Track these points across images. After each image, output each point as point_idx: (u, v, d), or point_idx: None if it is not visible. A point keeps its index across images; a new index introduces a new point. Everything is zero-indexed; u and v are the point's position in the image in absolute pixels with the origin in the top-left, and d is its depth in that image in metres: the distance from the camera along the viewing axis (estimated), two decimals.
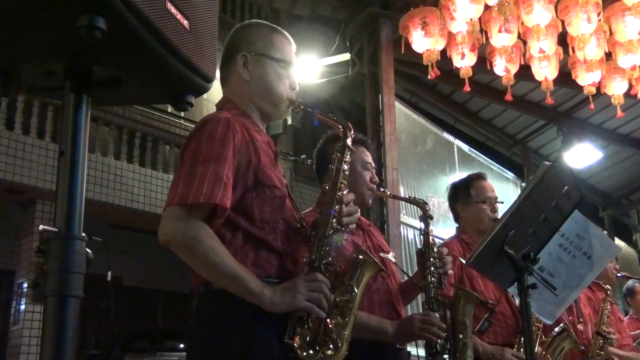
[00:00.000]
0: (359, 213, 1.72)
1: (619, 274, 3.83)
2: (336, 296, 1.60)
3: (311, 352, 1.49)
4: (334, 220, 1.61)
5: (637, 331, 4.08)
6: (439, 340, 2.11)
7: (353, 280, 1.64)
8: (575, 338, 2.81)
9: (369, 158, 2.39)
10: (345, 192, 1.67)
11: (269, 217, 1.58)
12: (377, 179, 2.40)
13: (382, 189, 2.43)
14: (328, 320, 1.55)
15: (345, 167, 1.70)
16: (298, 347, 1.48)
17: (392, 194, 2.73)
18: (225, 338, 1.48)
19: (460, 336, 2.23)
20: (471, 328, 2.30)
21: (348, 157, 1.72)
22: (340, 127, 1.76)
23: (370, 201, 2.40)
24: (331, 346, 1.52)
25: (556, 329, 2.79)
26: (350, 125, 1.76)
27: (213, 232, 1.48)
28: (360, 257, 1.67)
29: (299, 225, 1.66)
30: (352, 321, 1.58)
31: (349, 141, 1.73)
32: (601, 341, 3.22)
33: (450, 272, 2.31)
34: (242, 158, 1.56)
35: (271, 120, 1.83)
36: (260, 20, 1.86)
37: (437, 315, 2.14)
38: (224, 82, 1.80)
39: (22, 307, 7.15)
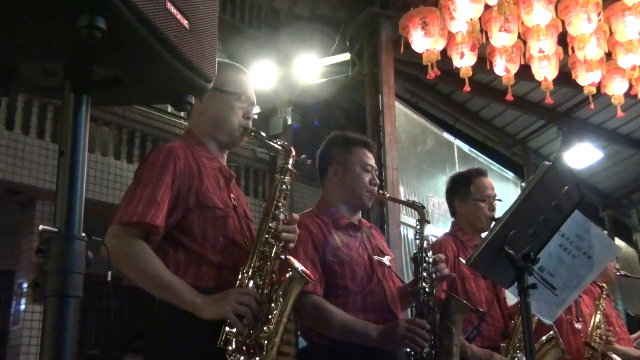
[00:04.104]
0: (296, 229, 1.83)
1: (618, 273, 3.83)
2: (267, 305, 1.70)
3: (241, 357, 1.61)
4: (269, 235, 1.74)
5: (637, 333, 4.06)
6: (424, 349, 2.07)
7: (283, 291, 1.73)
8: (563, 347, 2.73)
9: (370, 160, 2.35)
10: (282, 209, 1.79)
11: (210, 235, 1.74)
12: (377, 181, 2.36)
13: (380, 191, 2.41)
14: (265, 327, 1.66)
15: (284, 187, 1.84)
16: (230, 352, 1.61)
17: (390, 196, 2.70)
18: (164, 341, 1.66)
19: (447, 343, 2.18)
20: (459, 336, 2.26)
21: (287, 178, 1.86)
22: (282, 151, 1.92)
23: (369, 203, 2.38)
24: (261, 351, 1.64)
25: (544, 337, 2.71)
26: (293, 149, 1.92)
27: (149, 248, 1.63)
28: (289, 272, 1.76)
29: (245, 240, 1.82)
30: (282, 329, 1.69)
31: (289, 164, 1.88)
32: (591, 352, 3.17)
33: (446, 270, 2.25)
34: (183, 182, 1.73)
35: (228, 148, 1.99)
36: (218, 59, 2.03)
37: (425, 321, 2.08)
38: (188, 115, 2.01)
39: (22, 307, 7.14)
